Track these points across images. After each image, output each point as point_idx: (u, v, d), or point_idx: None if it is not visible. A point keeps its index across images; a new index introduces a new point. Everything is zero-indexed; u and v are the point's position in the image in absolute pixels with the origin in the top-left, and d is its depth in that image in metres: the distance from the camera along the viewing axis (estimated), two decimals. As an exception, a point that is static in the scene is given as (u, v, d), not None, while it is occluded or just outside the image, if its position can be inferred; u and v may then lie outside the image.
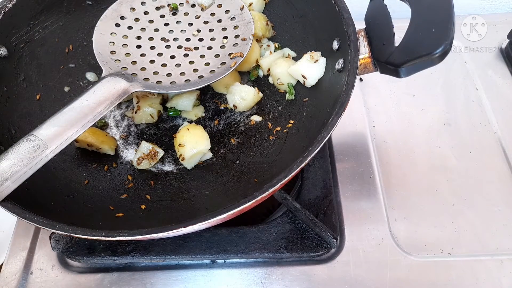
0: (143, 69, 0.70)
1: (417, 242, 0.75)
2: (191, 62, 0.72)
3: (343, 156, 0.86)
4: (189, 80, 0.69)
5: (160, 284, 0.72)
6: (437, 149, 0.86)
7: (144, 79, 0.68)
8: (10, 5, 0.70)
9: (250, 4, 0.82)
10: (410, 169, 0.84)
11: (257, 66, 0.82)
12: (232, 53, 0.71)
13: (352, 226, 0.77)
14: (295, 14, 0.80)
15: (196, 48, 0.73)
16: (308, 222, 0.74)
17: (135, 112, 0.79)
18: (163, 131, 0.80)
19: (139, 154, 0.73)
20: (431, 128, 0.89)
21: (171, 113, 0.80)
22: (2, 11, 0.69)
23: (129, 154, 0.77)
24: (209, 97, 0.83)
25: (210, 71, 0.70)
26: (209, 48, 0.73)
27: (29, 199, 0.58)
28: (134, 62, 0.70)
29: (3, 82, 0.71)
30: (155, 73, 0.70)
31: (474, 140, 0.87)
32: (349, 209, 0.79)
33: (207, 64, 0.71)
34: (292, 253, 0.73)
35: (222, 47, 0.73)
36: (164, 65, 0.71)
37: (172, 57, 0.72)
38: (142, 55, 0.72)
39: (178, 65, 0.71)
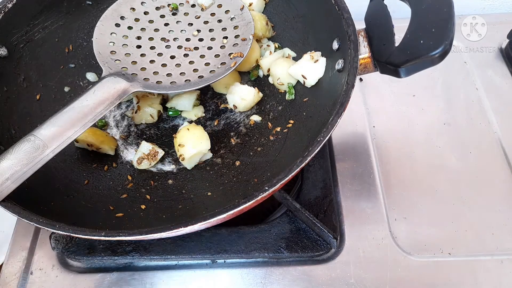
0: (143, 69, 0.70)
1: (417, 242, 0.75)
2: (191, 62, 0.72)
3: (343, 156, 0.86)
4: (189, 80, 0.69)
5: (160, 284, 0.72)
6: (437, 149, 0.86)
7: (144, 79, 0.68)
8: (10, 5, 0.70)
9: (250, 4, 0.82)
10: (410, 169, 0.84)
11: (257, 66, 0.82)
12: (232, 53, 0.71)
13: (352, 226, 0.77)
14: (295, 14, 0.80)
15: (196, 48, 0.73)
16: (308, 222, 0.74)
17: (135, 112, 0.79)
18: (163, 131, 0.80)
19: (139, 154, 0.73)
20: (431, 128, 0.89)
21: (171, 113, 0.80)
22: (2, 11, 0.69)
23: (129, 154, 0.77)
24: (209, 97, 0.83)
25: (210, 71, 0.70)
26: (209, 48, 0.73)
27: (29, 199, 0.58)
28: (134, 62, 0.70)
29: (3, 82, 0.71)
30: (155, 73, 0.70)
31: (474, 140, 0.87)
32: (349, 209, 0.79)
33: (207, 64, 0.71)
34: (292, 253, 0.73)
35: (222, 47, 0.73)
36: (164, 65, 0.71)
37: (172, 57, 0.72)
38: (142, 55, 0.72)
39: (178, 65, 0.71)
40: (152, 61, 0.71)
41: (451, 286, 0.71)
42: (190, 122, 0.79)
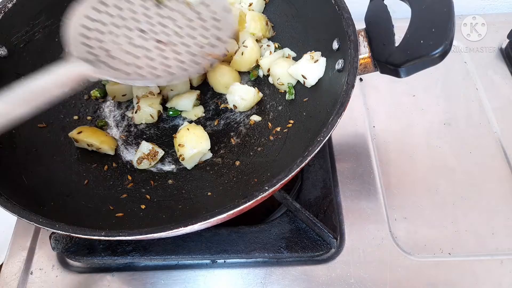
0: (113, 57, 0.66)
1: (417, 242, 0.75)
2: (165, 58, 0.69)
3: (343, 156, 0.86)
4: (160, 76, 0.67)
5: (160, 284, 0.72)
6: (437, 149, 0.86)
7: (112, 67, 0.65)
8: (10, 5, 0.70)
9: (250, 4, 0.82)
10: (410, 169, 0.84)
11: (257, 66, 0.82)
12: (210, 54, 0.70)
13: (352, 226, 0.77)
14: (295, 14, 0.80)
15: (173, 44, 0.71)
16: (308, 222, 0.74)
17: (135, 112, 0.79)
18: (163, 131, 0.80)
19: (139, 154, 0.73)
20: (431, 128, 0.89)
21: (171, 113, 0.80)
22: (2, 11, 0.69)
23: (129, 154, 0.77)
24: (209, 97, 0.83)
25: (183, 69, 0.68)
26: (187, 46, 0.71)
27: (29, 199, 0.58)
28: (104, 49, 0.67)
29: (3, 82, 0.70)
30: (126, 63, 0.67)
31: (474, 140, 0.87)
32: (349, 209, 0.79)
33: (181, 62, 0.69)
34: (292, 253, 0.73)
35: (200, 47, 0.71)
36: (137, 57, 0.69)
37: (147, 50, 0.70)
38: (116, 43, 0.67)
39: (151, 59, 0.69)
40: (125, 51, 0.67)
41: (451, 286, 0.71)
42: (190, 122, 0.79)
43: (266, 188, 0.52)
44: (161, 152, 0.74)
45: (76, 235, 0.51)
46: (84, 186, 0.70)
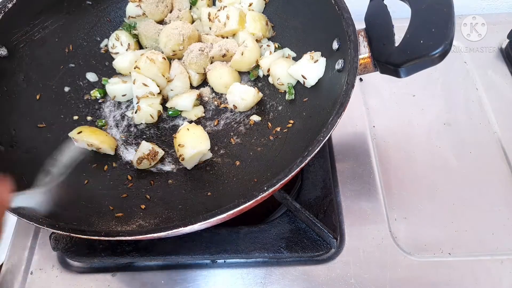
0: None
1: (417, 242, 0.75)
2: None
3: (343, 156, 0.86)
4: None
5: (160, 284, 0.72)
6: (437, 149, 0.86)
7: None
8: (10, 5, 0.70)
9: (250, 4, 0.82)
10: (410, 169, 0.84)
11: (257, 66, 0.82)
12: None
13: (352, 226, 0.77)
14: (295, 14, 0.80)
15: None
16: (308, 222, 0.73)
17: (135, 112, 0.79)
18: (163, 131, 0.80)
19: (139, 154, 0.73)
20: (431, 128, 0.89)
21: (171, 113, 0.80)
22: (2, 11, 0.69)
23: (129, 154, 0.77)
24: (209, 97, 0.83)
25: None
26: None
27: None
28: None
29: (3, 82, 0.71)
30: None
31: (474, 140, 0.87)
32: (349, 209, 0.79)
33: None
34: (292, 253, 0.73)
35: None
36: None
37: None
38: None
39: None
40: None
41: (451, 286, 0.71)
42: (190, 122, 0.79)
43: (266, 188, 0.52)
44: (161, 152, 0.74)
45: (76, 235, 0.52)
46: (84, 186, 0.70)
